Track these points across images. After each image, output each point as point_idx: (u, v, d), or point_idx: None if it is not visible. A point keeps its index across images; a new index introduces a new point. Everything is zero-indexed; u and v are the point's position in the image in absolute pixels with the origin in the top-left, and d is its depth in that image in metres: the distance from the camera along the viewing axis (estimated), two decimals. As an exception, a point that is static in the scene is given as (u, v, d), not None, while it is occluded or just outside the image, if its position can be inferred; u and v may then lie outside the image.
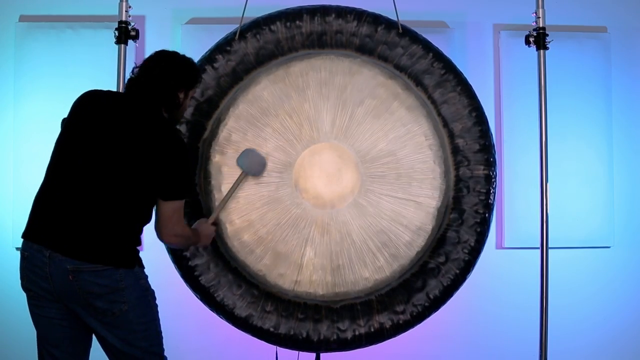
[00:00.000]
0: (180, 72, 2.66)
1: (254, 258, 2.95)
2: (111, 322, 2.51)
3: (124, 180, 2.49)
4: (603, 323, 4.18)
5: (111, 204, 2.49)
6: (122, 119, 2.55)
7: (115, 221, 2.50)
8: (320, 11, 3.03)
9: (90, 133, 2.54)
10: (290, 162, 2.96)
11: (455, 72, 3.01)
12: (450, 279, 2.95)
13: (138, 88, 2.62)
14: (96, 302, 2.48)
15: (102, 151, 2.51)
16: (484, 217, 2.97)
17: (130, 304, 2.51)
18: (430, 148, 2.97)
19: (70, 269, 2.44)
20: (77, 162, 2.52)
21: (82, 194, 2.48)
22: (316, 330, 2.93)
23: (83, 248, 2.46)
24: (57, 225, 2.48)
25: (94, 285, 2.46)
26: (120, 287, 2.49)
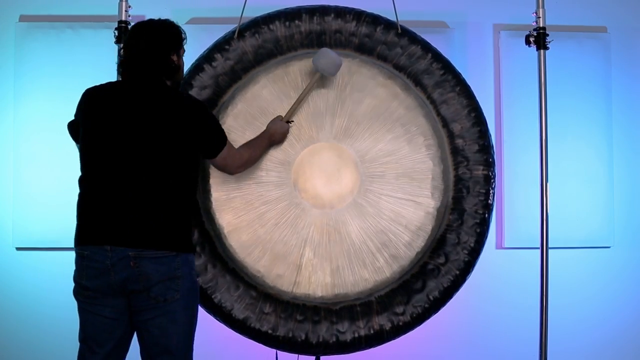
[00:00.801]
0: (165, 36, 2.69)
1: (253, 259, 2.94)
2: (159, 309, 2.54)
3: (160, 158, 2.56)
4: (603, 323, 4.18)
5: (157, 186, 2.55)
6: (133, 100, 2.60)
7: (165, 202, 2.56)
8: (320, 11, 3.03)
9: (109, 127, 2.58)
10: (289, 161, 2.96)
11: (454, 73, 3.02)
12: (450, 280, 2.95)
13: (133, 67, 2.66)
14: (153, 289, 2.52)
15: (129, 138, 2.56)
16: (483, 217, 2.97)
17: (181, 293, 2.56)
18: (429, 148, 2.97)
19: (132, 255, 2.49)
20: (110, 158, 2.56)
21: (127, 186, 2.53)
22: (315, 332, 2.92)
23: (142, 236, 2.51)
24: (112, 223, 2.52)
25: (154, 271, 2.51)
26: (177, 275, 2.54)
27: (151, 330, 2.56)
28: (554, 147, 3.42)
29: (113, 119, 2.58)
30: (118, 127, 2.57)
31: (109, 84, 2.69)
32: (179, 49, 2.73)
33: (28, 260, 4.02)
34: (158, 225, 2.53)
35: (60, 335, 3.70)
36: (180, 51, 2.74)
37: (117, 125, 2.57)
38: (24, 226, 3.99)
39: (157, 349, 2.58)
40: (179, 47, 2.73)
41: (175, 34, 2.73)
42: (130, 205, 2.52)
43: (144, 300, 2.53)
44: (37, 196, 3.98)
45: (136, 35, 2.69)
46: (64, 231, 3.91)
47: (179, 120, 2.58)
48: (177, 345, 2.59)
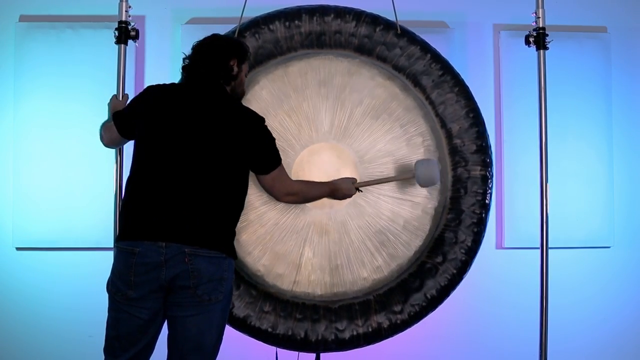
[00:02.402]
0: (228, 42, 2.79)
1: (253, 258, 2.95)
2: (202, 307, 2.58)
3: (217, 163, 2.63)
4: (603, 323, 4.18)
5: (212, 190, 2.61)
6: (194, 102, 2.67)
7: (219, 206, 2.62)
8: (319, 11, 3.03)
9: (169, 125, 2.63)
10: (289, 161, 2.96)
11: (452, 73, 3.02)
12: (447, 279, 2.95)
13: (193, 69, 2.74)
14: (200, 287, 2.56)
15: (189, 139, 2.61)
16: (480, 217, 2.97)
17: (224, 295, 2.62)
18: (427, 148, 2.97)
19: (188, 252, 2.54)
20: (169, 157, 2.61)
21: (184, 186, 2.58)
22: (314, 331, 2.93)
23: (197, 235, 2.57)
24: (168, 220, 2.56)
25: (205, 270, 2.56)
26: (224, 277, 2.61)
27: (189, 327, 2.60)
28: (554, 147, 3.42)
29: (174, 118, 2.64)
30: (178, 127, 2.62)
31: (171, 85, 2.76)
32: (240, 60, 2.78)
33: (28, 260, 4.01)
34: (212, 227, 2.60)
35: (61, 335, 3.71)
36: (243, 65, 2.80)
37: (177, 125, 2.62)
38: (24, 226, 3.99)
39: (190, 345, 2.61)
40: (240, 56, 2.78)
41: (236, 44, 2.81)
42: (186, 205, 2.57)
43: (189, 297, 2.56)
44: (37, 196, 3.98)
45: (202, 42, 2.79)
46: (64, 231, 3.93)
47: (239, 131, 2.65)
48: (209, 345, 2.63)
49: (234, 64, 2.75)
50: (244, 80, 2.84)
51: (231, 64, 2.74)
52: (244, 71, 2.83)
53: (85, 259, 3.87)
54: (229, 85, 2.76)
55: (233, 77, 2.76)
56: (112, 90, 3.10)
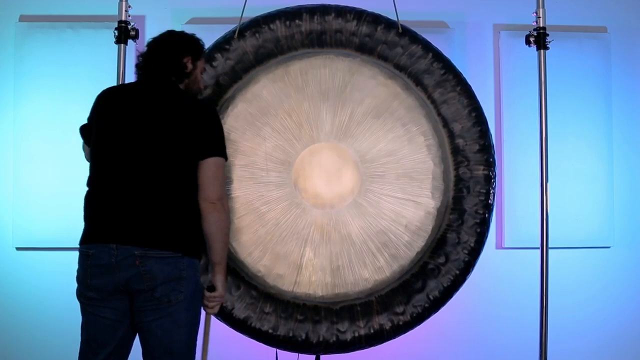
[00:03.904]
0: (181, 39, 2.75)
1: (253, 259, 2.94)
2: (163, 310, 2.54)
3: (167, 159, 2.56)
4: (603, 323, 4.18)
5: (163, 187, 2.55)
6: (143, 101, 2.63)
7: (171, 204, 2.56)
8: (320, 10, 3.03)
9: (118, 126, 2.60)
10: (289, 161, 2.95)
11: (454, 72, 3.01)
12: (450, 280, 2.95)
13: (146, 68, 2.71)
14: (157, 289, 2.52)
15: (138, 138, 2.57)
16: (483, 217, 2.96)
17: (185, 295, 2.55)
18: (429, 148, 2.97)
19: (138, 254, 2.50)
20: (119, 158, 2.57)
21: (134, 186, 2.54)
22: (315, 332, 2.92)
23: (148, 235, 2.52)
24: (118, 222, 2.54)
25: (158, 271, 2.51)
26: (182, 276, 2.54)
27: (154, 332, 2.56)
28: (554, 147, 3.42)
29: (122, 119, 2.61)
30: (127, 127, 2.59)
31: (123, 85, 2.75)
32: (195, 57, 2.75)
33: (28, 260, 4.02)
34: (165, 226, 2.54)
35: (61, 335, 3.70)
36: (198, 62, 2.77)
37: (126, 125, 2.59)
38: (24, 226, 3.99)
39: (159, 350, 2.57)
40: (194, 54, 2.75)
41: (192, 40, 2.77)
42: (136, 205, 2.53)
43: (147, 300, 2.53)
44: (37, 196, 3.98)
45: (155, 39, 2.76)
46: (64, 231, 3.93)
47: (186, 122, 2.59)
48: (180, 347, 2.59)
49: (188, 61, 2.72)
50: (199, 78, 2.81)
51: (184, 62, 2.71)
52: (200, 68, 2.80)
53: (85, 259, 3.87)
54: (182, 83, 2.73)
55: (186, 75, 2.73)
56: (111, 89, 3.10)
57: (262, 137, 2.96)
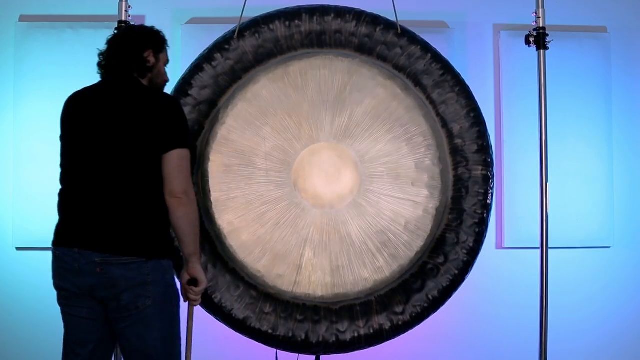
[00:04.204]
0: (139, 33, 2.70)
1: (253, 259, 2.94)
2: (132, 317, 2.50)
3: (125, 155, 2.50)
4: (603, 323, 4.18)
5: (125, 189, 2.50)
6: (104, 100, 2.58)
7: (134, 205, 2.51)
8: (320, 11, 3.03)
9: (81, 128, 2.57)
10: (289, 161, 2.95)
11: (453, 73, 3.01)
12: (449, 280, 2.95)
13: (107, 66, 2.66)
14: (122, 296, 2.48)
15: (98, 140, 2.53)
16: (482, 217, 2.97)
17: (153, 300, 2.50)
18: (428, 148, 2.97)
19: (98, 261, 2.46)
20: (81, 162, 2.54)
21: (96, 189, 2.51)
22: (315, 332, 2.92)
23: (109, 241, 2.47)
24: (81, 226, 2.51)
25: (121, 278, 2.47)
26: (147, 281, 2.49)
27: (129, 338, 2.54)
28: (554, 147, 3.42)
29: (85, 120, 2.57)
30: (89, 128, 2.55)
31: (87, 87, 2.68)
32: (156, 50, 2.70)
33: (28, 260, 4.01)
34: (126, 230, 2.48)
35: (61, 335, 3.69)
36: (160, 55, 2.72)
37: (88, 126, 2.56)
38: (24, 226, 3.99)
39: (137, 356, 2.55)
40: (155, 47, 2.70)
41: (151, 33, 2.72)
42: (98, 209, 2.49)
43: (116, 308, 2.50)
44: (37, 196, 3.98)
45: (113, 35, 2.72)
46: (64, 231, 3.90)
47: (146, 116, 2.52)
48: (155, 351, 2.54)
49: (149, 55, 2.67)
50: (163, 70, 2.75)
51: (145, 56, 2.66)
52: (163, 61, 2.74)
53: (85, 259, 3.87)
54: (145, 78, 2.68)
55: (149, 69, 2.68)
56: (112, 90, 3.10)
57: (261, 137, 2.96)
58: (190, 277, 2.65)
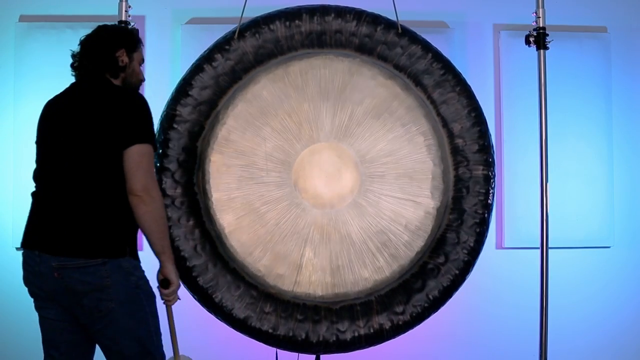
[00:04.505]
0: (112, 33, 2.66)
1: (253, 259, 2.94)
2: (100, 321, 2.46)
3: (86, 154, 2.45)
4: (603, 323, 4.18)
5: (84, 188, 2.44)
6: (71, 103, 2.55)
7: (90, 205, 2.44)
8: (320, 11, 3.03)
9: (50, 133, 2.55)
10: (289, 161, 2.96)
11: (454, 73, 3.01)
12: (450, 280, 2.95)
13: (79, 67, 2.63)
14: (83, 300, 2.44)
15: (62, 142, 2.50)
16: (483, 217, 2.96)
17: (116, 302, 2.44)
18: (429, 148, 2.97)
19: (55, 266, 2.42)
20: (48, 164, 2.53)
21: (57, 190, 2.48)
22: (315, 332, 2.92)
23: (65, 244, 2.43)
24: (42, 228, 2.49)
25: (78, 282, 2.42)
26: (106, 285, 2.42)
27: (102, 341, 2.52)
28: (554, 147, 3.43)
29: (53, 123, 2.55)
30: (55, 131, 2.53)
31: (61, 92, 2.65)
32: (129, 49, 2.66)
33: (28, 260, 4.01)
34: (83, 231, 2.42)
35: (61, 335, 3.69)
36: (134, 54, 2.68)
37: (54, 129, 2.54)
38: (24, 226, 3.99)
39: (116, 357, 2.52)
40: (128, 46, 2.66)
41: (123, 33, 2.69)
42: (57, 210, 2.46)
43: (82, 314, 2.46)
44: (37, 196, 3.97)
45: (87, 35, 2.67)
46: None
47: (107, 113, 2.46)
48: (133, 352, 2.50)
49: (122, 54, 2.63)
50: (137, 70, 2.70)
51: (117, 55, 2.62)
52: (137, 60, 2.69)
53: (85, 259, 3.87)
54: (118, 78, 2.63)
55: (121, 69, 2.63)
56: (112, 90, 3.10)
57: (262, 137, 2.96)
58: (162, 277, 2.58)
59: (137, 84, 2.74)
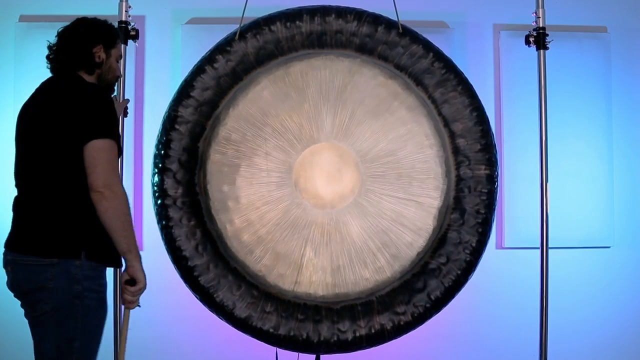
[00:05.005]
0: (90, 28, 2.61)
1: (254, 258, 2.94)
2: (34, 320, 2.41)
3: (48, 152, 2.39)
4: (603, 323, 4.18)
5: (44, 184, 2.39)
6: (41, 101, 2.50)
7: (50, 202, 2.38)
8: (320, 11, 3.03)
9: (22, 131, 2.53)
10: (290, 162, 2.96)
11: (455, 72, 3.01)
12: (452, 280, 2.95)
13: (55, 60, 2.60)
14: (25, 298, 2.40)
15: (29, 139, 2.47)
16: (485, 217, 2.96)
17: (51, 306, 2.35)
18: (430, 148, 2.97)
19: (9, 259, 2.41)
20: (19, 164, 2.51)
21: (22, 190, 2.47)
22: (316, 331, 2.92)
23: (21, 240, 2.40)
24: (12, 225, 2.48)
25: (23, 280, 2.38)
26: (48, 287, 2.34)
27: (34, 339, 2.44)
28: (554, 147, 3.43)
29: (24, 122, 2.53)
30: (25, 129, 2.50)
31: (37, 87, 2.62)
32: (107, 45, 2.61)
33: (28, 260, 4.01)
34: (36, 230, 2.37)
35: (61, 336, 3.69)
36: (112, 50, 2.63)
37: (25, 127, 2.51)
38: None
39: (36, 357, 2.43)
40: (106, 42, 2.61)
41: (104, 29, 2.63)
42: (21, 208, 2.45)
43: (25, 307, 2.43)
44: (37, 196, 3.97)
45: (65, 27, 2.63)
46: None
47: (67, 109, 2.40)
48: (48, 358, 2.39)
49: (99, 50, 2.58)
50: (114, 66, 2.65)
51: (94, 51, 2.57)
52: (114, 56, 2.64)
53: (85, 259, 3.86)
54: (94, 74, 2.58)
55: (97, 65, 2.58)
56: (112, 90, 3.10)
57: (263, 138, 2.96)
58: (129, 276, 2.46)
59: (113, 81, 2.70)
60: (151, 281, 2.60)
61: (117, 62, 2.70)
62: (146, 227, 3.91)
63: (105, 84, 2.64)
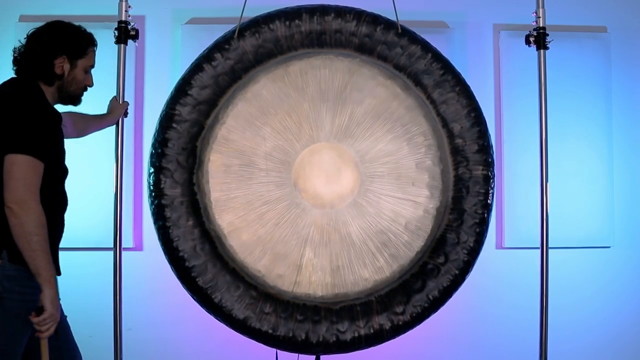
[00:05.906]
0: (54, 38, 2.53)
1: (253, 259, 2.94)
2: None
3: None
4: (603, 323, 4.18)
5: None
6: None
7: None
8: (320, 10, 3.02)
9: None
10: (289, 161, 2.95)
11: (453, 73, 3.01)
12: (450, 280, 2.95)
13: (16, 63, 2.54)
14: None
15: None
16: (482, 217, 2.96)
17: None
18: (429, 148, 2.97)
19: None
20: None
21: None
22: (315, 332, 2.92)
23: None
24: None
25: None
26: None
27: None
28: (554, 147, 3.42)
29: None
30: None
31: None
32: (72, 56, 2.56)
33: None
34: None
35: (60, 335, 3.69)
36: (78, 61, 2.58)
37: None
38: None
39: None
40: (71, 53, 2.55)
41: (71, 38, 2.56)
42: None
43: None
44: (37, 196, 3.97)
45: (32, 33, 2.57)
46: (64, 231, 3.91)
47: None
48: None
49: (62, 61, 2.53)
50: (80, 77, 2.60)
51: (55, 63, 2.52)
52: (82, 66, 2.59)
53: (85, 259, 3.86)
54: (53, 85, 2.53)
55: (57, 77, 2.53)
56: (111, 90, 3.10)
57: (261, 137, 2.96)
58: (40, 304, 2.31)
59: (78, 92, 2.64)
60: (151, 283, 2.60)
61: (86, 73, 2.63)
62: (146, 227, 3.92)
63: (67, 95, 2.59)
